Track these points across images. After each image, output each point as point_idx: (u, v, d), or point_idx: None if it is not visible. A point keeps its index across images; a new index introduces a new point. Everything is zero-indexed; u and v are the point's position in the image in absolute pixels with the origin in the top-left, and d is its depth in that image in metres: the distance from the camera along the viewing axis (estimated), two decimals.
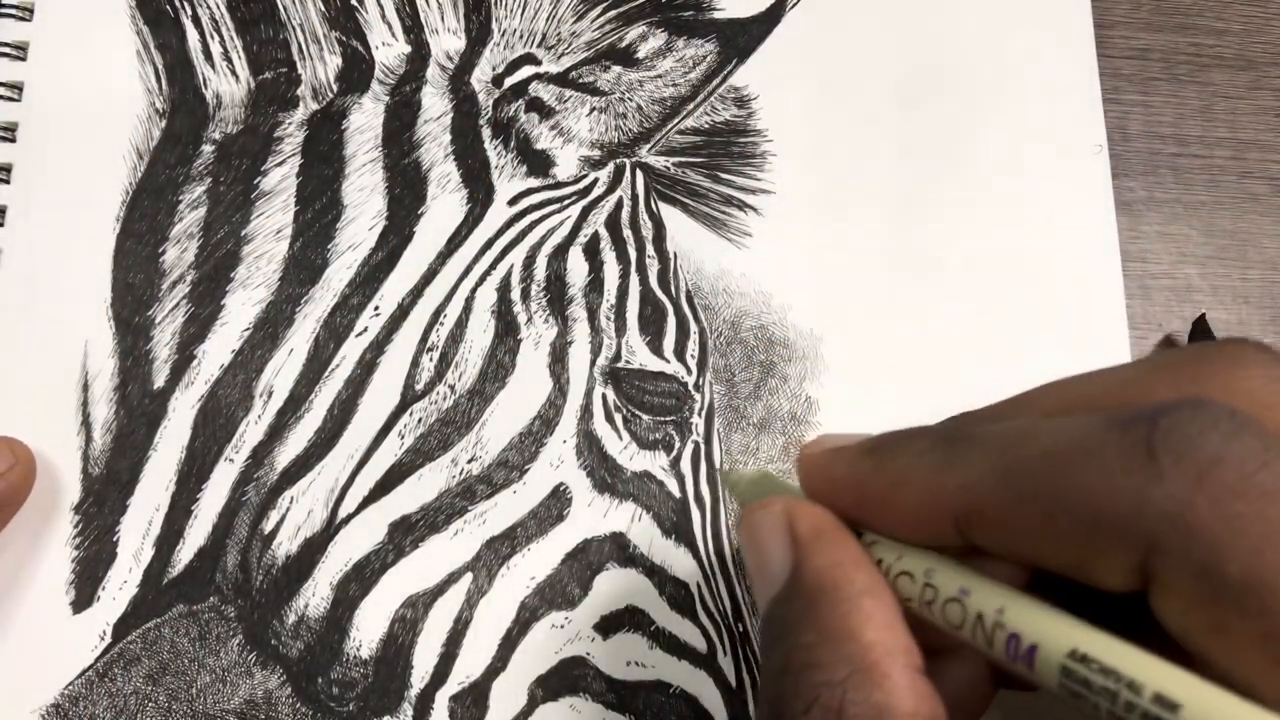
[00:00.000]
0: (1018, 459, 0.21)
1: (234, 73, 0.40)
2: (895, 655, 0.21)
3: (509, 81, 0.40)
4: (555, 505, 0.37)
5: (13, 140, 0.38)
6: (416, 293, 0.38)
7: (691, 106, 0.41)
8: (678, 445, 0.38)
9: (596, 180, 0.40)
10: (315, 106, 0.40)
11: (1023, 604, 0.20)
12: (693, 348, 0.39)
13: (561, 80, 0.41)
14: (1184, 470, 0.18)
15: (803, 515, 0.24)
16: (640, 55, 0.41)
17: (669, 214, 0.40)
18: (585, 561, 0.36)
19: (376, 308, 0.38)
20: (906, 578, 0.22)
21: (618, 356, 0.38)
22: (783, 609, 0.23)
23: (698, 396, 0.38)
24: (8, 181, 0.38)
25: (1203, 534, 0.17)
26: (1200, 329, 0.40)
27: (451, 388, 0.37)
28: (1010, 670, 0.20)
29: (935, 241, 0.41)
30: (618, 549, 0.36)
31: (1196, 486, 0.18)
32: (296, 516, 0.36)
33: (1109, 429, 0.19)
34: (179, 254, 0.38)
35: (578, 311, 0.38)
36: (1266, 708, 0.16)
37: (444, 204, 0.39)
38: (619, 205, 0.40)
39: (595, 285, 0.39)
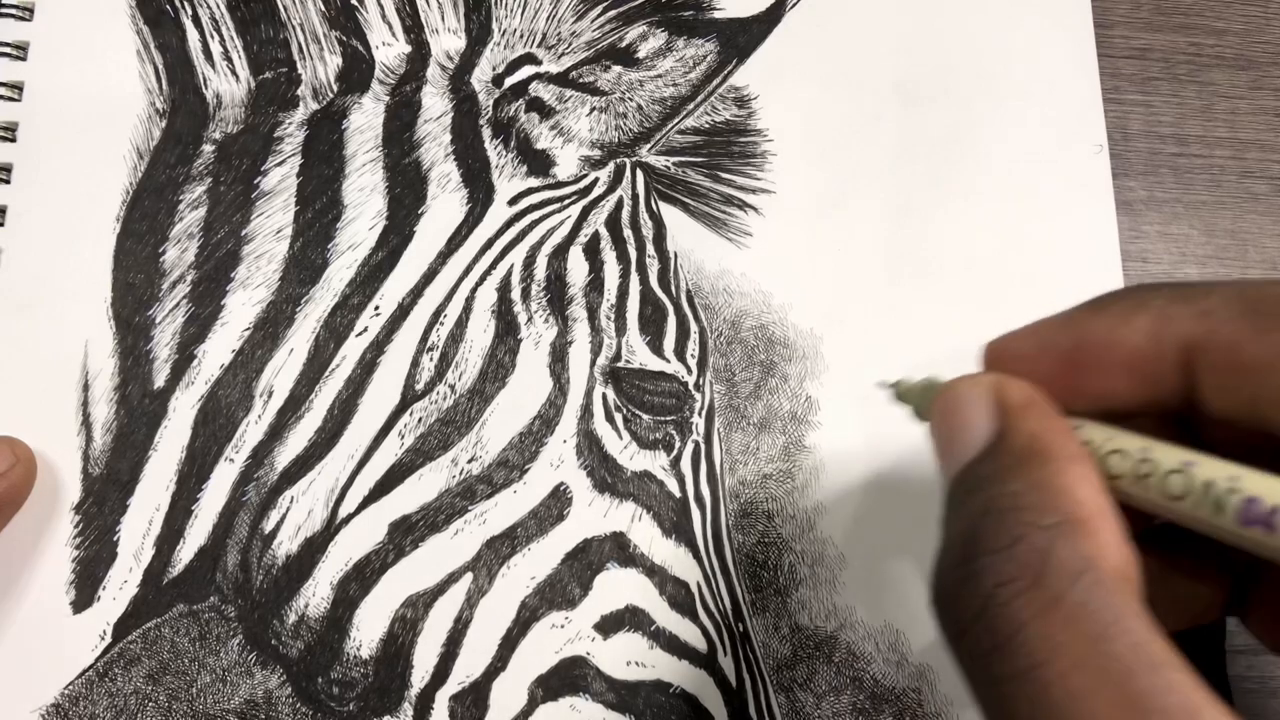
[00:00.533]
0: (1265, 292, 0.21)
1: (234, 72, 0.40)
2: (1105, 515, 0.21)
3: (509, 81, 0.40)
4: (555, 505, 0.37)
5: (13, 140, 0.38)
6: (417, 292, 0.38)
7: (692, 106, 0.41)
8: (678, 445, 0.38)
9: (597, 180, 0.40)
10: (315, 106, 0.40)
11: (1254, 471, 0.20)
12: (693, 347, 0.39)
13: (562, 80, 0.41)
14: None
15: (1012, 386, 0.24)
16: (640, 55, 0.41)
17: (669, 213, 0.40)
18: (585, 561, 0.36)
19: (377, 307, 0.38)
20: (1118, 455, 0.22)
21: (618, 356, 0.38)
22: (984, 467, 0.23)
23: (698, 396, 0.38)
24: (8, 181, 0.38)
25: None
26: None
27: (452, 387, 0.37)
28: (1234, 537, 0.20)
29: (935, 241, 0.41)
30: (618, 549, 0.36)
31: None
32: (297, 516, 0.36)
33: None
34: (179, 254, 0.38)
35: (578, 311, 0.38)
36: None
37: (444, 204, 0.39)
38: (619, 205, 0.40)
39: (595, 285, 0.39)
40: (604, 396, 0.38)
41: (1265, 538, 0.19)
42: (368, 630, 0.35)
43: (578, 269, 0.39)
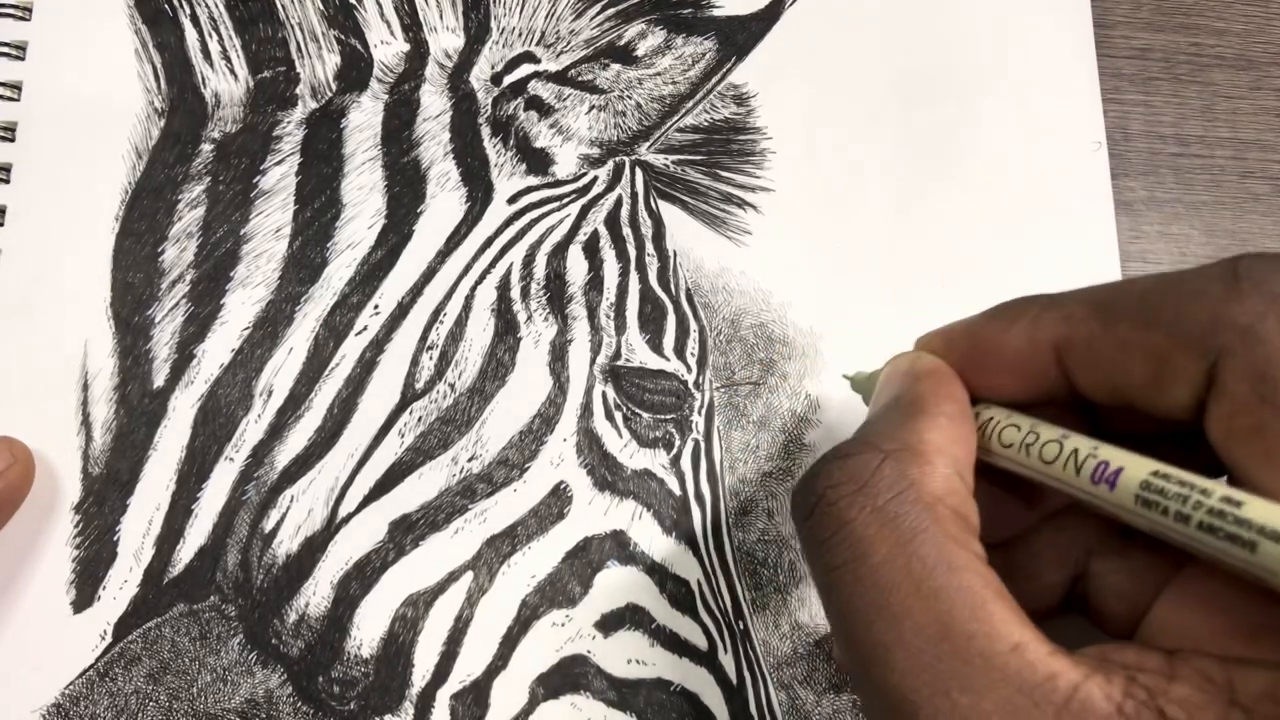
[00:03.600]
0: (1112, 293, 0.24)
1: (233, 71, 0.39)
2: (944, 454, 0.24)
3: (508, 80, 0.40)
4: (556, 503, 0.37)
5: (12, 140, 0.38)
6: (416, 291, 0.38)
7: (691, 104, 0.41)
8: (678, 443, 0.38)
9: (596, 178, 0.40)
10: (314, 105, 0.39)
11: (1110, 445, 0.24)
12: (693, 345, 0.39)
13: (560, 78, 0.40)
14: (1261, 293, 0.21)
15: (925, 359, 0.29)
16: (639, 53, 0.41)
17: (668, 212, 0.40)
18: (586, 559, 0.36)
19: (376, 306, 0.38)
20: (1013, 428, 0.26)
21: (618, 354, 0.38)
22: (874, 415, 0.28)
23: (698, 394, 0.38)
24: (7, 181, 0.38)
25: (1266, 344, 0.21)
26: None
27: (451, 386, 0.37)
28: (1087, 495, 0.24)
29: (935, 239, 0.41)
30: (618, 547, 0.36)
31: (1270, 306, 0.21)
32: (297, 515, 0.36)
33: (1198, 270, 0.23)
34: (178, 253, 0.38)
35: (577, 309, 0.38)
36: None
37: (443, 202, 0.39)
38: (618, 203, 0.40)
39: (595, 283, 0.39)
40: (604, 395, 0.38)
41: (1107, 494, 0.23)
42: (368, 629, 0.35)
43: (577, 267, 0.39)
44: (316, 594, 0.35)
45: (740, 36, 0.42)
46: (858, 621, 0.22)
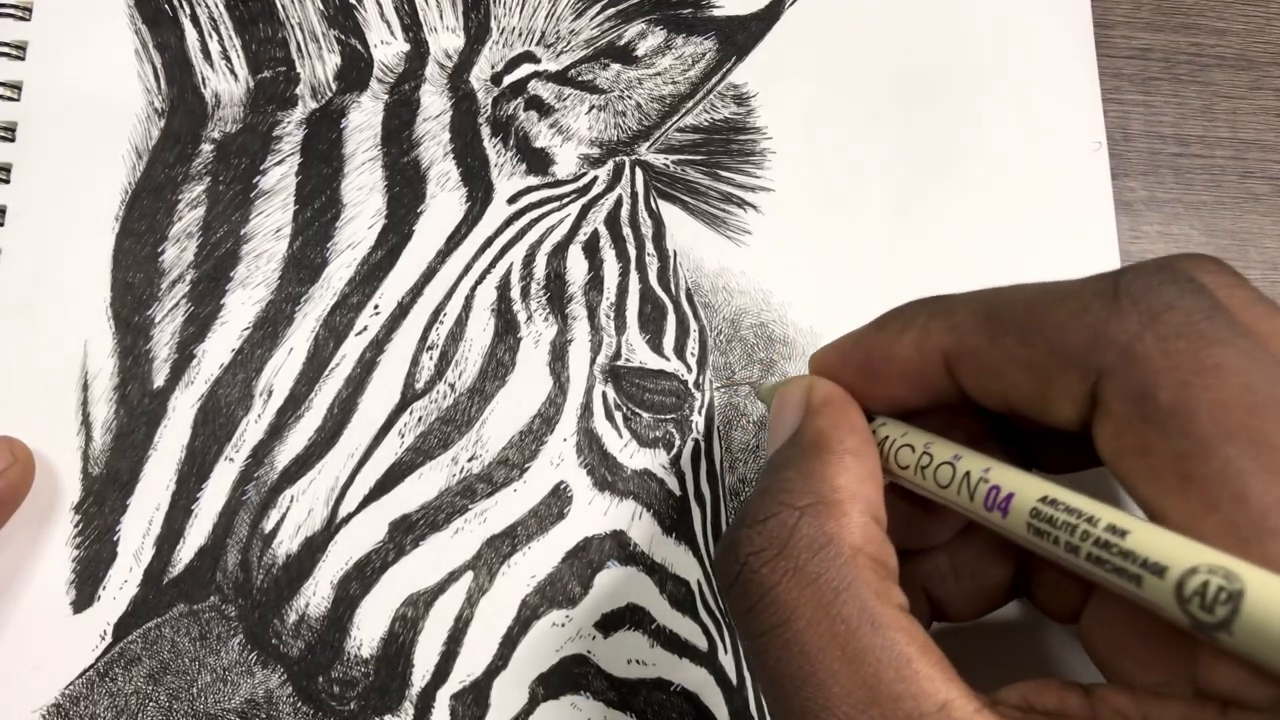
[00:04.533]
0: (998, 303, 0.24)
1: (233, 71, 0.39)
2: (857, 500, 0.24)
3: (508, 79, 0.40)
4: (555, 503, 0.37)
5: (12, 140, 0.38)
6: (416, 291, 0.38)
7: (691, 104, 0.41)
8: (678, 443, 0.38)
9: (596, 178, 0.40)
10: (314, 105, 0.39)
11: (1004, 466, 0.24)
12: (693, 345, 0.39)
13: (560, 78, 0.40)
14: (1140, 311, 0.21)
15: (818, 386, 0.28)
16: (639, 53, 0.41)
17: (668, 212, 0.40)
18: (586, 559, 0.36)
19: (376, 306, 0.38)
20: (908, 449, 0.26)
21: (618, 354, 0.38)
22: (779, 455, 0.27)
23: (698, 394, 0.38)
24: (7, 181, 0.38)
25: (1145, 364, 0.20)
26: None
27: (451, 386, 0.37)
28: (982, 520, 0.24)
29: (935, 239, 0.41)
30: (618, 547, 0.37)
31: (1148, 324, 0.21)
32: (297, 515, 0.36)
33: (1082, 283, 0.23)
34: (178, 253, 0.38)
35: (577, 309, 0.38)
36: (1188, 536, 0.19)
37: (443, 202, 0.39)
38: (618, 203, 0.40)
39: (595, 283, 0.39)
40: (604, 395, 0.38)
41: (1001, 520, 0.23)
42: (368, 629, 0.35)
43: (577, 267, 0.39)
44: (316, 594, 0.35)
45: (740, 36, 0.42)
46: (786, 688, 0.22)
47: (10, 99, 0.39)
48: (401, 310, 0.38)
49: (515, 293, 0.38)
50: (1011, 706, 0.22)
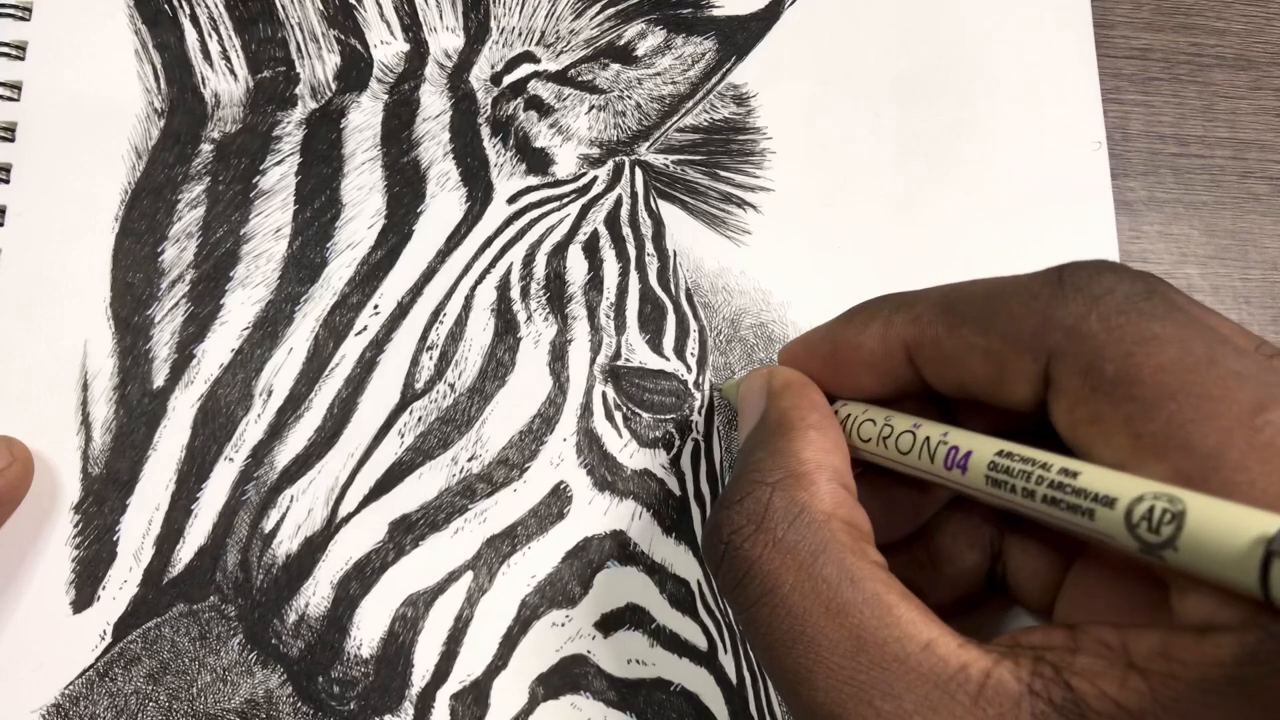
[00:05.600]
0: (956, 296, 0.26)
1: (232, 71, 0.39)
2: (824, 469, 0.26)
3: (508, 79, 0.40)
4: (555, 503, 0.37)
5: (12, 140, 0.38)
6: (416, 291, 0.38)
7: (690, 104, 0.41)
8: (678, 443, 0.38)
9: (595, 178, 0.40)
10: (314, 105, 0.39)
11: (960, 430, 0.26)
12: (692, 345, 0.39)
13: (560, 78, 0.40)
14: (1084, 295, 0.23)
15: (779, 373, 0.31)
16: (639, 53, 0.41)
17: (668, 212, 0.40)
18: (585, 559, 0.36)
19: (376, 306, 0.38)
20: (870, 423, 0.28)
21: (617, 354, 0.38)
22: (749, 440, 0.29)
23: (697, 394, 0.38)
24: (7, 181, 0.38)
25: (1091, 340, 0.22)
26: None
27: (451, 386, 0.37)
28: (943, 479, 0.25)
29: (934, 239, 0.41)
30: (618, 547, 0.37)
31: (1091, 307, 0.23)
32: (297, 515, 0.36)
33: (1031, 276, 0.25)
34: (178, 253, 0.38)
35: (577, 309, 0.38)
36: (1129, 473, 0.21)
37: (443, 202, 0.39)
38: (618, 203, 0.40)
39: (595, 283, 0.39)
40: (604, 395, 0.38)
41: (961, 478, 0.25)
42: (368, 629, 0.35)
43: (577, 267, 0.39)
44: (316, 594, 0.35)
45: (740, 36, 0.42)
46: (779, 650, 0.24)
47: (10, 99, 0.39)
48: (401, 310, 0.38)
49: (515, 292, 0.38)
50: (996, 643, 0.23)
